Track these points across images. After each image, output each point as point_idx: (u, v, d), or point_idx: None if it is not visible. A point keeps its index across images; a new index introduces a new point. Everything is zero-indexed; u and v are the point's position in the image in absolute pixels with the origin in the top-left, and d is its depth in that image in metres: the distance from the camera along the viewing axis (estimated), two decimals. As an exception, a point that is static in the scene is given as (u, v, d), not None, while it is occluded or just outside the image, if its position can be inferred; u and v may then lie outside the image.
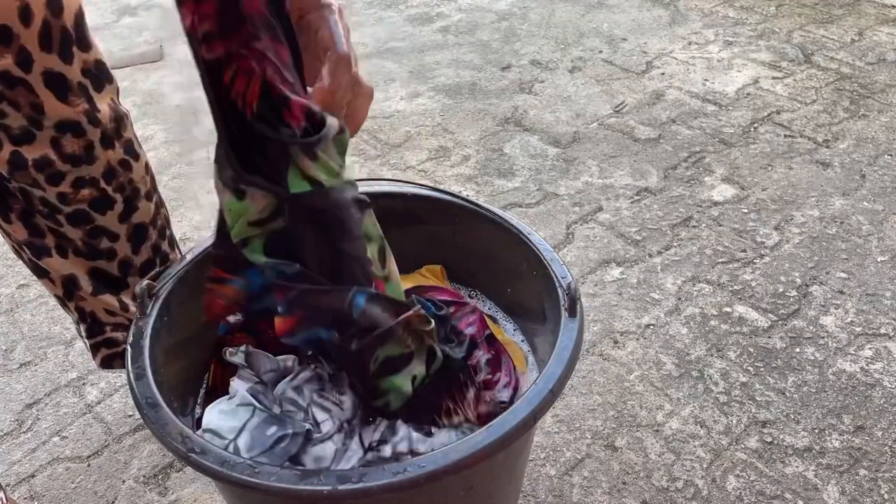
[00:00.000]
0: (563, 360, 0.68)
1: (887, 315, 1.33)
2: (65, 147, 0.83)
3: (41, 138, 0.81)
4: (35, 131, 0.81)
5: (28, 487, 1.12)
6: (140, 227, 0.96)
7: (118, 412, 1.23)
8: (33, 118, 0.80)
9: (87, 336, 1.03)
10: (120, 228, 0.94)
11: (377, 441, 0.72)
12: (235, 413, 0.73)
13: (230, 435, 0.72)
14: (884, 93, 1.98)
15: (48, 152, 0.82)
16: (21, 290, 1.49)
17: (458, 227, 0.89)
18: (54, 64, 0.78)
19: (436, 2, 2.64)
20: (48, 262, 0.94)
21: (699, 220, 1.57)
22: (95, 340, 1.03)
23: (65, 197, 0.87)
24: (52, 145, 0.82)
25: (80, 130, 0.83)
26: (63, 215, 0.89)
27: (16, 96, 0.77)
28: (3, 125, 0.79)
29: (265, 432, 0.71)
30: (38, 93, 0.78)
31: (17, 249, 0.96)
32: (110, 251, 0.95)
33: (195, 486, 1.11)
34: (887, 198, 1.61)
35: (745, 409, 1.17)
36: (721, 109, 1.94)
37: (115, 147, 0.89)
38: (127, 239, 0.95)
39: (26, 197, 0.87)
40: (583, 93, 2.05)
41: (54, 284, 0.97)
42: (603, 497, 1.06)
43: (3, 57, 0.75)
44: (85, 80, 0.83)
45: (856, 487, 1.06)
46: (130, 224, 0.95)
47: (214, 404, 0.76)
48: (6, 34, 0.74)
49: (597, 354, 1.28)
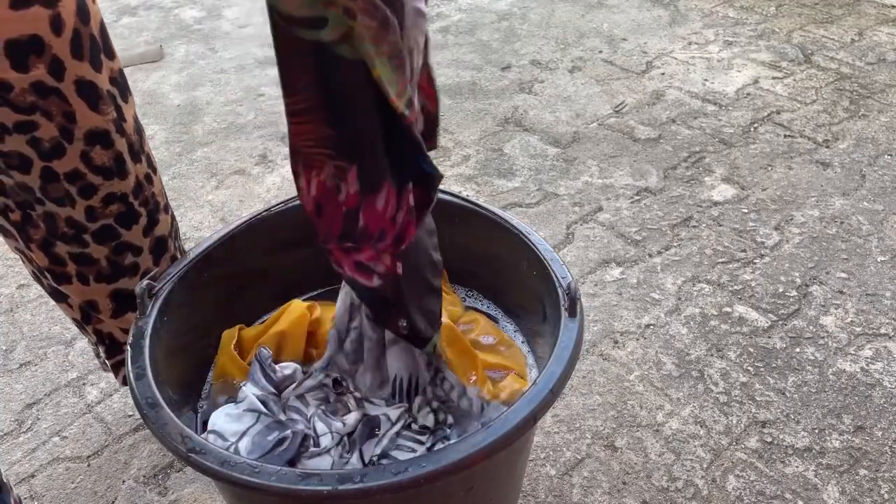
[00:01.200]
0: (563, 360, 0.68)
1: (887, 315, 1.33)
2: (94, 160, 0.83)
3: (71, 152, 0.81)
4: (66, 144, 0.80)
5: (28, 487, 1.12)
6: (161, 240, 0.96)
7: (118, 412, 1.23)
8: (65, 128, 0.79)
9: (108, 356, 1.04)
10: (144, 242, 0.94)
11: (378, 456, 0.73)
12: (241, 418, 0.74)
13: (232, 438, 0.72)
14: (884, 93, 1.98)
15: (78, 166, 0.82)
16: (21, 290, 1.49)
17: (457, 227, 0.89)
18: (86, 72, 0.78)
19: (436, 2, 2.64)
20: (69, 289, 0.93)
21: (699, 220, 1.57)
22: (116, 360, 1.04)
23: (93, 212, 0.86)
24: (81, 158, 0.82)
25: (108, 141, 0.83)
26: (89, 233, 0.88)
27: (49, 105, 0.77)
28: (35, 139, 0.79)
29: (266, 437, 0.71)
30: (71, 101, 0.78)
31: (38, 274, 0.95)
32: (134, 266, 0.94)
33: (195, 486, 1.11)
34: (887, 198, 1.61)
35: (745, 409, 1.17)
36: (721, 109, 1.94)
37: (142, 160, 0.89)
38: (149, 252, 0.95)
39: (51, 221, 0.87)
40: (583, 93, 2.05)
41: (72, 309, 0.98)
42: (603, 497, 1.06)
43: (36, 67, 0.74)
44: (113, 88, 0.83)
45: (856, 487, 1.06)
46: (153, 237, 0.95)
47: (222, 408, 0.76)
48: (38, 44, 0.74)
49: (597, 354, 1.28)
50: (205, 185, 1.76)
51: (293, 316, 0.87)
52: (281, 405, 0.76)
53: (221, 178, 1.78)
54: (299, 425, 0.73)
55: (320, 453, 0.71)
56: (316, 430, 0.73)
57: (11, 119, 0.76)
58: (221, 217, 1.65)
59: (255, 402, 0.74)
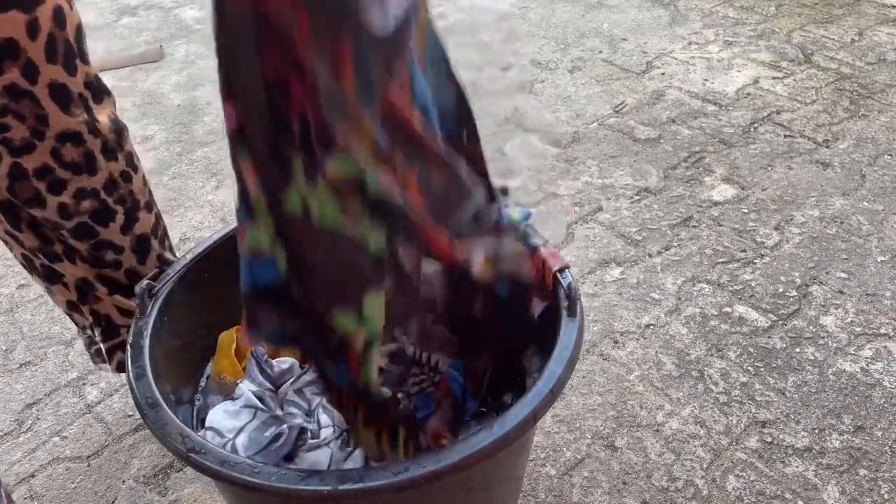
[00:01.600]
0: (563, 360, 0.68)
1: (887, 315, 1.33)
2: (64, 156, 0.84)
3: (41, 149, 0.82)
4: (36, 142, 0.81)
5: (28, 487, 1.12)
6: (143, 238, 0.97)
7: (118, 412, 1.23)
8: (36, 129, 0.80)
9: (103, 339, 1.04)
10: (123, 240, 0.94)
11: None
12: (238, 414, 0.74)
13: (230, 434, 0.72)
14: (884, 93, 1.98)
15: (48, 161, 0.83)
16: (21, 290, 1.49)
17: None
18: (59, 75, 0.79)
19: (436, 2, 2.64)
20: (62, 266, 0.94)
21: (699, 220, 1.57)
22: (112, 343, 1.04)
23: (66, 209, 0.87)
24: (51, 155, 0.83)
25: (80, 140, 0.84)
26: (66, 230, 0.89)
27: (21, 108, 0.78)
28: (5, 139, 0.80)
29: (263, 433, 0.71)
30: (44, 104, 0.79)
31: (30, 258, 0.96)
32: (116, 262, 0.95)
33: (195, 486, 1.11)
34: (887, 198, 1.61)
35: (745, 409, 1.17)
36: (721, 109, 1.94)
37: (118, 158, 0.90)
38: (131, 250, 0.96)
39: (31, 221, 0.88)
40: (583, 93, 2.05)
41: (68, 289, 0.98)
42: (603, 497, 1.06)
43: (10, 70, 0.75)
44: (86, 91, 0.84)
45: (856, 487, 1.06)
46: (133, 235, 0.95)
47: (220, 405, 0.76)
48: (13, 48, 0.75)
49: (597, 354, 1.28)
50: (205, 185, 1.76)
51: None
52: (278, 401, 0.76)
53: (221, 178, 1.78)
54: (297, 419, 0.73)
55: (319, 445, 0.71)
56: (319, 421, 0.73)
57: None
58: (221, 217, 1.65)
59: (251, 399, 0.75)
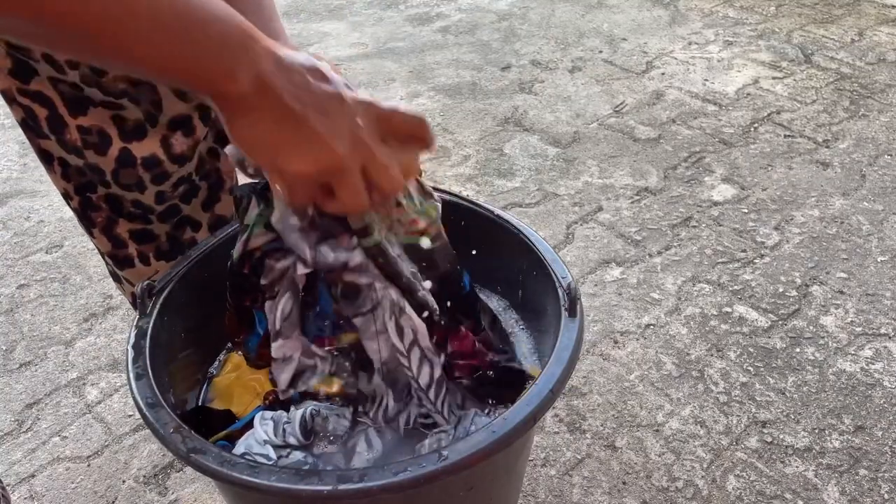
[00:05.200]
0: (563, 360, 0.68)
1: (887, 315, 1.33)
2: (174, 147, 0.83)
3: (152, 135, 0.81)
4: (149, 127, 0.80)
5: (28, 487, 1.12)
6: (222, 220, 0.94)
7: (118, 412, 1.23)
8: (151, 114, 0.80)
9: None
10: (202, 217, 0.92)
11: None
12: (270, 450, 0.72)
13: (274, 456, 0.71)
14: (884, 93, 1.98)
15: (157, 151, 0.82)
16: (21, 290, 1.48)
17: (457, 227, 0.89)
18: None
19: (436, 2, 2.64)
20: (130, 273, 0.93)
21: (699, 220, 1.57)
22: None
23: (163, 196, 0.86)
24: (161, 144, 0.82)
25: (190, 127, 0.83)
26: (155, 214, 0.88)
27: (139, 93, 0.78)
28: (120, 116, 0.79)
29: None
30: (160, 90, 0.79)
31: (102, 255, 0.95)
32: (192, 242, 0.93)
33: (195, 486, 1.11)
34: (887, 198, 1.61)
35: (745, 409, 1.17)
36: (721, 109, 1.94)
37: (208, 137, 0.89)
38: (209, 228, 0.94)
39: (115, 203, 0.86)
40: (583, 93, 2.05)
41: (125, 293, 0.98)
42: (603, 497, 1.06)
43: None
44: None
45: (856, 487, 1.06)
46: (213, 214, 0.93)
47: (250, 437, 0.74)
48: None
49: (597, 354, 1.28)
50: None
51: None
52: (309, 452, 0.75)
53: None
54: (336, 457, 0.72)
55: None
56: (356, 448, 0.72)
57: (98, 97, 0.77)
58: (221, 217, 1.65)
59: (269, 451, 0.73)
